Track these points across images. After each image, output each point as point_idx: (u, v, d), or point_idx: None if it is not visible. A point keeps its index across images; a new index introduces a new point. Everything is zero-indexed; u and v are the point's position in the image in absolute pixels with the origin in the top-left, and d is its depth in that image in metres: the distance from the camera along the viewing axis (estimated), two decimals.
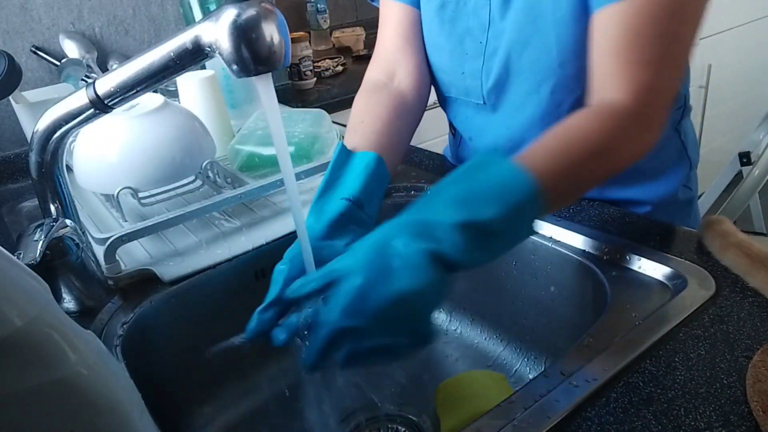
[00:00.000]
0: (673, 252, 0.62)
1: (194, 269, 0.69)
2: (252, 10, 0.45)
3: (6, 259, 0.31)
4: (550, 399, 0.46)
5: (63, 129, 0.57)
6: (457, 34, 0.75)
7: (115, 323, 0.62)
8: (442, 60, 0.79)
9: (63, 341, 0.31)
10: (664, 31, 0.58)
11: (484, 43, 0.72)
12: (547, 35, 0.66)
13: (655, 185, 0.79)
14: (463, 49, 0.75)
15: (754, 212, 2.06)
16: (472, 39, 0.73)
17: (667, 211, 0.79)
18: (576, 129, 0.57)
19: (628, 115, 0.58)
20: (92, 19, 1.43)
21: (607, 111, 0.58)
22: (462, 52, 0.75)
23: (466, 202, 0.47)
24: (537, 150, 0.54)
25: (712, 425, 0.42)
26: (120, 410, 0.34)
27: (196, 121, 0.85)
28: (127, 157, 0.76)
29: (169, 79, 0.52)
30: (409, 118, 0.77)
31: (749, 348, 0.49)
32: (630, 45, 0.58)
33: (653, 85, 0.58)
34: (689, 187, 0.83)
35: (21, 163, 1.09)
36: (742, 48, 2.40)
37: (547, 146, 0.54)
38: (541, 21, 0.66)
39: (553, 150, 0.54)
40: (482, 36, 0.72)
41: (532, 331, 0.74)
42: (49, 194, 0.62)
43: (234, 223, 0.78)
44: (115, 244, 0.67)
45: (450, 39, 0.76)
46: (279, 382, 0.76)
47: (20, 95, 1.10)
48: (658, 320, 0.53)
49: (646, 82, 0.58)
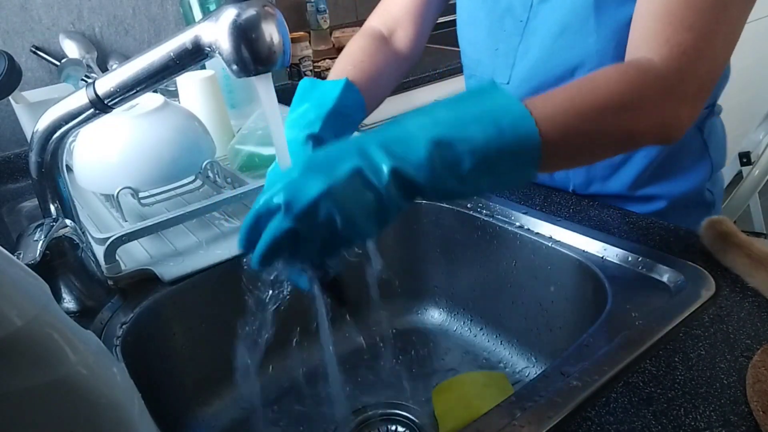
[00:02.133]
0: (673, 252, 0.62)
1: (194, 269, 0.69)
2: (252, 10, 0.45)
3: (6, 259, 0.31)
4: (550, 399, 0.46)
5: (63, 129, 0.57)
6: (499, 11, 0.74)
7: (115, 323, 0.62)
8: (479, 35, 0.78)
9: (63, 341, 0.31)
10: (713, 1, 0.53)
11: (525, 21, 0.72)
12: (587, 19, 0.65)
13: (672, 182, 0.77)
14: (502, 25, 0.74)
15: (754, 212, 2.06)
16: (512, 16, 0.73)
17: (684, 211, 0.77)
18: (593, 80, 0.51)
19: (657, 74, 0.52)
20: (92, 19, 1.43)
21: (634, 65, 0.53)
22: (500, 29, 0.75)
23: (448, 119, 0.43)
24: (543, 96, 0.49)
25: (712, 425, 0.42)
26: (120, 410, 0.34)
27: (196, 121, 0.85)
28: (127, 157, 0.76)
29: (169, 79, 0.52)
30: (397, 70, 0.77)
31: (749, 348, 0.49)
32: (674, 8, 0.53)
33: (693, 50, 0.53)
34: (711, 190, 0.80)
35: (21, 163, 1.09)
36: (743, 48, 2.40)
37: (555, 92, 0.50)
38: (583, 6, 0.65)
39: (560, 95, 0.49)
40: (523, 14, 0.72)
41: (532, 331, 0.74)
42: (49, 194, 0.62)
43: (234, 223, 0.78)
44: (115, 244, 0.67)
45: (490, 15, 0.75)
46: (279, 383, 0.76)
47: (20, 95, 1.09)
48: (658, 320, 0.53)
49: (685, 46, 0.53)
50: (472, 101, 0.45)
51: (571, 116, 0.48)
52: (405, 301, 0.85)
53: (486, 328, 0.80)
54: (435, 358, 0.79)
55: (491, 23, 0.76)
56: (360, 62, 0.70)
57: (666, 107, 0.53)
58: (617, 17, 0.64)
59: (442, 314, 0.84)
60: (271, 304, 0.50)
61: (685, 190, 0.77)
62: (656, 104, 0.52)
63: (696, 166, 0.78)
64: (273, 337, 0.77)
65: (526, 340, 0.76)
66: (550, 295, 0.71)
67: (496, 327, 0.79)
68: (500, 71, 0.76)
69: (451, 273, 0.82)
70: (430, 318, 0.84)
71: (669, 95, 0.52)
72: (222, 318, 0.72)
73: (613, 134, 0.51)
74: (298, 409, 0.72)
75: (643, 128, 0.52)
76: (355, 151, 0.43)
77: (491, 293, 0.78)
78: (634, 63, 0.53)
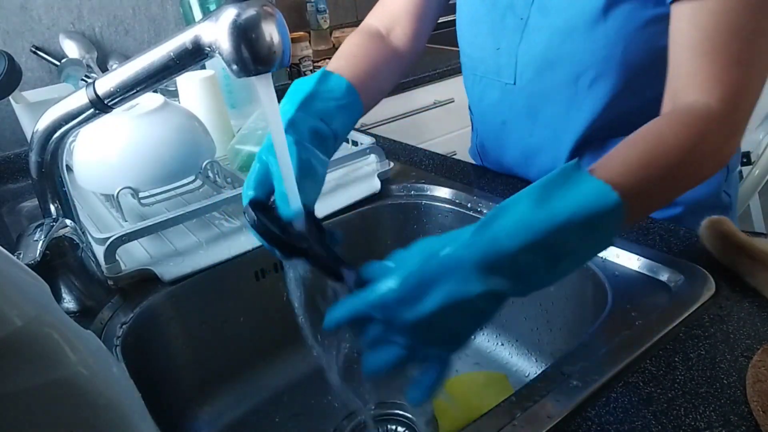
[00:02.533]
0: (673, 252, 0.62)
1: (194, 269, 0.69)
2: (252, 10, 0.45)
3: (6, 259, 0.31)
4: (550, 399, 0.46)
5: (63, 129, 0.57)
6: (500, 8, 0.74)
7: (115, 323, 0.62)
8: (479, 34, 0.78)
9: (63, 341, 0.31)
10: (749, 27, 0.53)
11: (525, 19, 0.71)
12: (595, 24, 0.65)
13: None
14: (503, 23, 0.74)
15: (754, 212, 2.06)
16: (513, 14, 0.72)
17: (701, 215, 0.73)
18: (661, 136, 0.51)
19: (716, 120, 0.52)
20: (92, 19, 1.43)
21: (693, 116, 0.53)
22: (501, 27, 0.74)
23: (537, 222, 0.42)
24: (616, 161, 0.48)
25: (712, 425, 0.42)
26: (120, 410, 0.34)
27: (196, 121, 0.85)
28: (127, 157, 0.76)
29: (169, 79, 0.52)
30: (395, 67, 0.76)
31: (749, 348, 0.49)
32: (715, 42, 0.53)
33: (742, 87, 0.53)
34: (728, 192, 0.79)
35: (21, 163, 1.09)
36: None
37: (630, 158, 0.49)
38: (590, 8, 0.64)
39: (634, 163, 0.48)
40: (524, 11, 0.71)
41: (532, 331, 0.74)
42: (49, 194, 0.62)
43: (234, 223, 0.78)
44: (115, 244, 0.67)
45: (491, 12, 0.75)
46: (279, 383, 0.76)
47: (20, 95, 1.09)
48: (658, 320, 0.53)
49: (735, 84, 0.53)
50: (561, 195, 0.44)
51: (650, 185, 0.48)
52: None
53: (486, 328, 0.80)
54: None
55: (492, 21, 0.75)
56: (353, 57, 0.70)
57: (726, 147, 0.54)
58: (627, 24, 0.63)
59: None
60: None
61: (702, 194, 0.76)
62: (719, 148, 0.54)
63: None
64: (274, 337, 0.78)
65: (526, 340, 0.76)
66: (551, 295, 0.71)
67: (496, 327, 0.79)
68: (505, 71, 0.76)
69: None
70: None
71: (729, 136, 0.54)
72: (222, 318, 0.72)
73: (684, 184, 0.53)
74: (298, 408, 0.72)
75: (708, 170, 0.54)
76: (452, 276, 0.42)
77: None
78: (695, 113, 0.53)
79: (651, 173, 0.48)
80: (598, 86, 0.68)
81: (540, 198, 0.43)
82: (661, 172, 0.49)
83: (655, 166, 0.49)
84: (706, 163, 0.54)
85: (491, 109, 0.82)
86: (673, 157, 0.50)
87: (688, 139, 0.51)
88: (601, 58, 0.66)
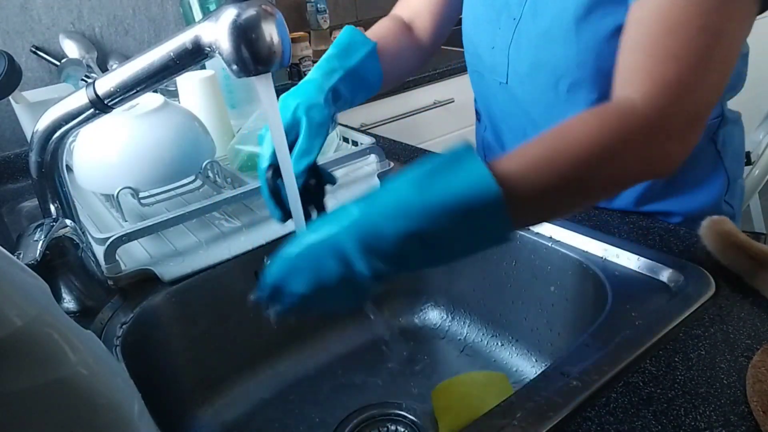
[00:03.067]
0: (673, 252, 0.62)
1: (194, 269, 0.69)
2: (252, 10, 0.45)
3: (6, 259, 0.31)
4: (550, 399, 0.46)
5: (63, 129, 0.57)
6: (496, 8, 0.74)
7: (115, 323, 0.62)
8: (478, 32, 0.79)
9: (63, 341, 0.31)
10: (703, 26, 0.49)
11: (517, 19, 0.71)
12: (569, 32, 0.65)
13: (688, 198, 0.73)
14: (498, 22, 0.74)
15: (754, 212, 2.06)
16: (507, 14, 0.73)
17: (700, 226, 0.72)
18: (570, 130, 0.49)
19: (639, 115, 0.49)
20: (92, 19, 1.43)
21: (614, 110, 0.50)
22: (497, 27, 0.75)
23: (418, 210, 0.43)
24: (518, 155, 0.47)
25: (712, 425, 0.42)
26: (120, 410, 0.34)
27: (196, 121, 0.85)
28: (127, 157, 0.76)
29: (169, 79, 0.52)
30: (415, 54, 0.82)
31: (749, 348, 0.49)
32: (660, 38, 0.50)
33: (677, 83, 0.49)
34: (730, 203, 0.76)
35: (21, 163, 1.09)
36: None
37: (530, 151, 0.47)
38: (565, 16, 0.65)
39: (536, 155, 0.47)
40: (517, 11, 0.71)
41: (532, 331, 0.74)
42: (49, 194, 0.62)
43: (234, 223, 0.78)
44: (115, 244, 0.67)
45: (488, 11, 0.76)
46: (279, 383, 0.76)
47: (20, 95, 1.10)
48: (658, 320, 0.53)
49: (672, 78, 0.49)
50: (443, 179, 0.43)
51: (547, 175, 0.46)
52: (405, 301, 0.85)
53: (486, 329, 0.80)
54: (435, 358, 0.79)
55: (489, 19, 0.76)
56: (384, 38, 0.75)
57: (651, 148, 0.50)
58: (598, 30, 0.63)
59: (442, 314, 0.84)
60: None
61: (701, 204, 0.74)
62: (640, 148, 0.49)
63: (710, 178, 0.74)
64: (274, 337, 0.78)
65: (526, 340, 0.76)
66: (551, 295, 0.71)
67: (496, 327, 0.79)
68: (499, 69, 0.76)
69: (451, 273, 0.82)
70: (430, 318, 0.84)
71: (653, 136, 0.49)
72: (222, 318, 0.72)
73: (597, 185, 0.49)
74: (298, 408, 0.72)
75: (629, 173, 0.50)
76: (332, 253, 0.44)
77: (491, 293, 0.78)
78: (614, 107, 0.50)
79: (552, 168, 0.46)
80: (576, 93, 0.69)
81: (423, 181, 0.43)
82: (563, 169, 0.46)
83: (557, 162, 0.46)
84: (626, 165, 0.49)
85: (491, 107, 0.83)
86: (580, 153, 0.47)
87: (600, 134, 0.47)
88: (575, 64, 0.66)
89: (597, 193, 0.51)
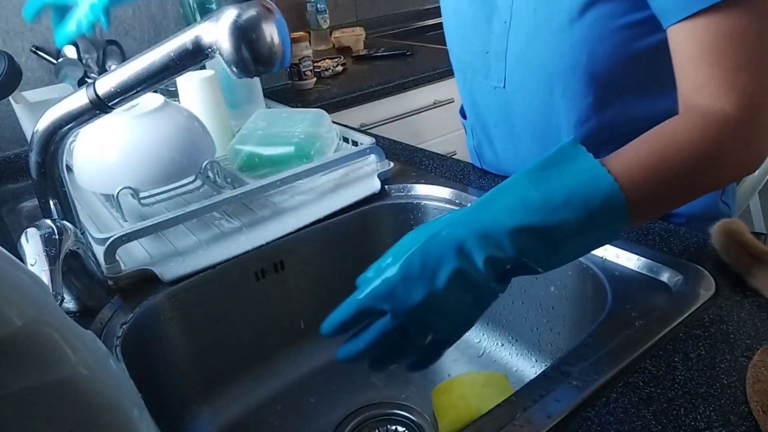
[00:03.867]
0: (673, 252, 0.62)
1: (194, 269, 0.69)
2: (252, 11, 0.45)
3: (6, 259, 0.31)
4: (550, 399, 0.46)
5: (63, 129, 0.57)
6: (486, 10, 0.74)
7: (115, 323, 0.62)
8: (467, 37, 0.78)
9: (63, 341, 0.31)
10: (750, 31, 0.51)
11: (508, 22, 0.71)
12: (560, 35, 0.65)
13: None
14: (490, 27, 0.74)
15: (754, 212, 2.06)
16: (498, 17, 0.72)
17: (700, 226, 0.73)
18: (672, 136, 0.50)
19: (732, 124, 0.51)
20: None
21: (708, 120, 0.51)
22: (489, 30, 0.74)
23: (537, 204, 0.43)
24: (627, 157, 0.48)
25: (712, 425, 0.42)
26: (120, 410, 0.34)
27: (196, 121, 0.85)
28: (127, 157, 0.76)
29: (169, 79, 0.52)
30: None
31: (749, 348, 0.49)
32: (723, 52, 0.52)
33: (756, 90, 0.52)
34: (726, 203, 0.78)
35: (21, 163, 1.09)
36: None
37: (639, 152, 0.49)
38: (556, 20, 0.65)
39: (645, 158, 0.48)
40: (506, 14, 0.71)
41: (532, 331, 0.74)
42: (49, 194, 0.62)
43: (234, 223, 0.78)
44: (115, 244, 0.67)
45: (477, 16, 0.75)
46: (279, 383, 0.76)
47: (20, 95, 1.10)
48: (658, 320, 0.53)
49: (748, 88, 0.52)
50: (558, 175, 0.45)
51: (658, 182, 0.48)
52: None
53: (486, 329, 0.80)
54: None
55: (479, 25, 0.75)
56: None
57: (748, 151, 0.53)
58: (591, 33, 0.63)
59: None
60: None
61: (701, 205, 0.75)
62: (739, 153, 0.52)
63: None
64: (275, 337, 0.78)
65: (526, 340, 0.76)
66: (551, 295, 0.71)
67: (496, 327, 0.79)
68: (494, 74, 0.76)
69: None
70: None
71: (750, 141, 0.53)
72: (222, 318, 0.72)
73: (699, 189, 0.52)
74: (298, 408, 0.73)
75: (727, 176, 0.54)
76: (453, 251, 0.43)
77: None
78: (709, 116, 0.52)
79: (660, 170, 0.48)
80: (571, 95, 0.69)
81: (537, 177, 0.44)
82: (670, 172, 0.49)
83: (665, 165, 0.48)
84: (725, 169, 0.52)
85: (483, 112, 0.82)
86: (685, 158, 0.49)
87: (702, 141, 0.50)
88: (568, 66, 0.66)
89: (696, 196, 0.53)
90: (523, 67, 0.71)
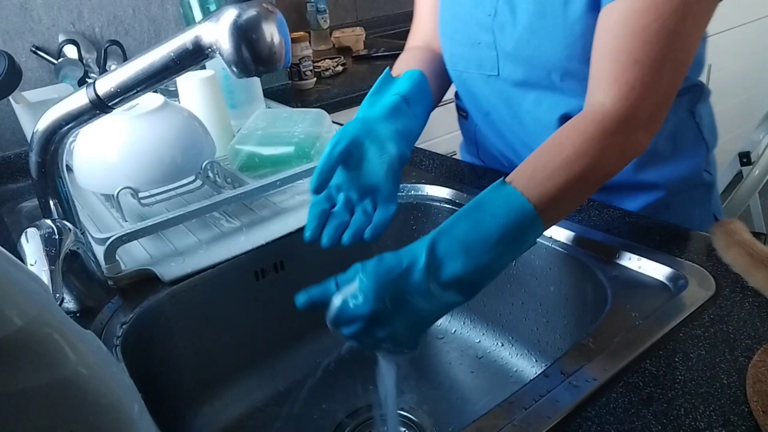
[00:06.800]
0: (673, 252, 0.62)
1: (194, 269, 0.69)
2: (252, 11, 0.45)
3: (6, 259, 0.31)
4: (550, 399, 0.46)
5: (63, 129, 0.57)
6: (474, 3, 0.74)
7: (115, 323, 0.62)
8: (458, 30, 0.78)
9: (63, 341, 0.31)
10: (663, 29, 0.56)
11: (492, 15, 0.72)
12: (555, 26, 0.66)
13: (671, 168, 0.78)
14: (477, 19, 0.75)
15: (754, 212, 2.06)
16: (483, 10, 0.73)
17: (686, 196, 0.78)
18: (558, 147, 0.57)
19: (612, 119, 0.57)
20: (92, 19, 1.43)
21: (590, 118, 0.58)
22: (476, 23, 0.75)
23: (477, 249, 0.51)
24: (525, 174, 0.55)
25: (712, 425, 0.43)
26: (120, 410, 0.34)
27: (196, 121, 0.85)
28: (127, 157, 0.76)
29: (169, 79, 0.52)
30: (445, 75, 0.84)
31: (749, 348, 0.49)
32: (624, 44, 0.57)
33: (641, 84, 0.57)
34: (708, 171, 0.82)
35: (21, 163, 1.09)
36: (742, 48, 2.40)
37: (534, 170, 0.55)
38: (551, 10, 0.65)
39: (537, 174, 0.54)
40: (491, 8, 0.72)
41: (532, 331, 0.74)
42: (49, 194, 0.62)
43: (234, 223, 0.78)
44: (115, 244, 0.67)
45: (465, 7, 0.76)
46: (279, 383, 0.76)
47: (20, 95, 1.09)
48: (658, 320, 0.53)
49: (633, 82, 0.57)
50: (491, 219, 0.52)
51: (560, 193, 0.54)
52: None
53: (486, 328, 0.80)
54: (435, 358, 0.79)
55: (468, 17, 0.76)
56: (412, 63, 0.78)
57: (625, 142, 0.58)
58: (585, 25, 0.64)
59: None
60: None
61: (684, 174, 0.78)
62: (617, 145, 0.57)
63: (693, 149, 0.79)
64: (274, 337, 0.78)
65: (526, 340, 0.76)
66: (551, 295, 0.71)
67: (496, 327, 0.79)
68: (486, 63, 0.76)
69: None
70: None
71: (627, 133, 0.58)
72: (222, 318, 0.72)
73: (592, 185, 0.58)
74: (298, 408, 0.72)
75: (611, 167, 0.58)
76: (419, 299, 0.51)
77: (491, 293, 0.78)
78: (590, 116, 0.58)
79: (555, 183, 0.54)
80: (570, 82, 0.69)
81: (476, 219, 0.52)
82: (564, 181, 0.54)
83: (558, 177, 0.54)
84: (610, 162, 0.57)
85: (479, 99, 0.82)
86: (573, 165, 0.55)
87: (585, 145, 0.56)
88: (564, 56, 0.67)
89: (593, 189, 0.58)
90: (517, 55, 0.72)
